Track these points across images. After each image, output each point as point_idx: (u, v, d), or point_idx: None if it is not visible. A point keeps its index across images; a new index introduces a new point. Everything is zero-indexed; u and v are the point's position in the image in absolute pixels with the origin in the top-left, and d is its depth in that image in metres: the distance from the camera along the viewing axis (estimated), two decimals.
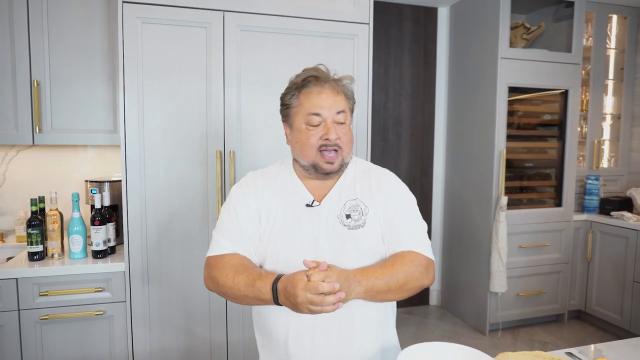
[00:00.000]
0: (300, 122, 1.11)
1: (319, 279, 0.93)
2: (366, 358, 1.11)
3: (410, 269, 1.06)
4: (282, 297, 0.98)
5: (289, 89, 1.14)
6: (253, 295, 1.01)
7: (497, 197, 2.96)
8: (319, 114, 1.09)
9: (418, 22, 3.47)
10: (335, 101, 1.10)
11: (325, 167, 1.10)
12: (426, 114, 3.56)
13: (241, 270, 1.05)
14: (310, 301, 0.92)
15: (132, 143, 1.93)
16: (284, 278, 0.99)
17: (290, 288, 0.95)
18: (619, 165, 3.55)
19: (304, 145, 1.10)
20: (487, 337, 3.07)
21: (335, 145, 1.09)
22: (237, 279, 1.03)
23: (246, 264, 1.08)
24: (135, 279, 1.96)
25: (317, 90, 1.10)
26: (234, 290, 1.04)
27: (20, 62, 1.99)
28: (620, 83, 3.49)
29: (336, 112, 1.10)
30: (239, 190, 1.17)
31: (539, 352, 1.10)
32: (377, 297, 1.04)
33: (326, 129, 1.08)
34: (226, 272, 1.06)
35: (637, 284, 2.89)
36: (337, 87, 1.12)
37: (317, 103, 1.08)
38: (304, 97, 1.11)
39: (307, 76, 1.11)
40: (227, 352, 2.11)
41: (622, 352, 1.20)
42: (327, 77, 1.12)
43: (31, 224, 1.89)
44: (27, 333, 1.83)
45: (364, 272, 1.03)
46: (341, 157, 1.12)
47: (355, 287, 0.99)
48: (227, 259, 1.08)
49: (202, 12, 1.95)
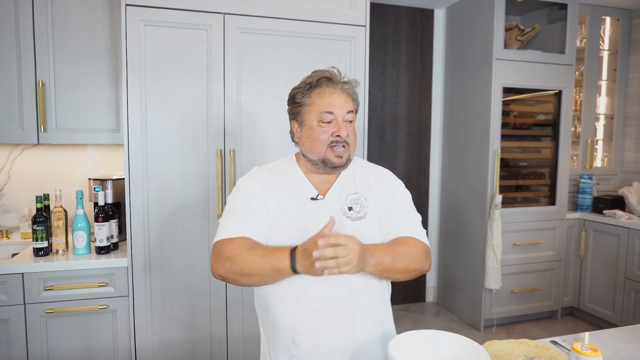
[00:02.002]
0: (312, 119, 1.19)
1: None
2: (368, 343, 1.16)
3: (412, 252, 1.15)
4: (300, 260, 1.04)
5: (300, 89, 1.21)
6: (270, 266, 1.07)
7: (492, 195, 3.02)
8: (332, 112, 1.17)
9: (415, 23, 3.52)
10: (346, 101, 1.19)
11: (335, 161, 1.18)
12: (423, 113, 3.62)
13: (256, 247, 1.11)
14: (326, 255, 0.97)
15: (135, 142, 1.98)
16: (302, 244, 1.06)
17: (311, 246, 1.01)
18: (612, 164, 3.62)
19: (315, 140, 1.18)
20: (481, 333, 3.13)
21: (345, 141, 1.18)
22: (253, 254, 1.09)
23: (258, 244, 1.14)
24: (137, 274, 2.01)
25: (329, 91, 1.18)
26: (249, 265, 1.08)
27: (25, 63, 2.04)
28: (614, 84, 3.56)
29: (346, 112, 1.19)
30: (247, 181, 1.23)
31: (525, 340, 1.16)
32: (384, 274, 1.13)
33: (337, 126, 1.17)
34: (240, 249, 1.10)
35: (629, 281, 2.96)
36: (348, 90, 1.21)
37: (331, 102, 1.17)
38: (316, 96, 1.19)
39: (321, 77, 1.20)
40: (227, 345, 2.16)
41: (603, 340, 1.26)
42: (340, 79, 1.21)
43: (36, 220, 1.94)
44: (32, 326, 1.88)
45: (374, 247, 1.12)
46: (348, 153, 1.20)
47: (369, 259, 1.07)
48: (238, 240, 1.13)
49: (203, 14, 2.01)
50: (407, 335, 1.04)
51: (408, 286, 3.68)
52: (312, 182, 1.23)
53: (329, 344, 1.13)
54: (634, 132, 3.52)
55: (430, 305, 3.69)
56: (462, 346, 1.02)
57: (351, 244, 1.00)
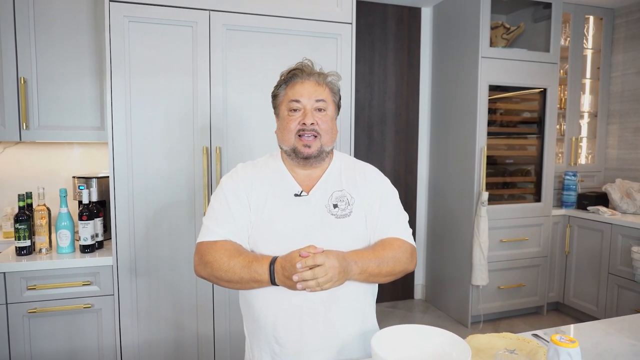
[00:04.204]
0: (284, 110, 1.20)
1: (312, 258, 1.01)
2: (349, 341, 1.16)
3: (398, 254, 1.15)
4: (279, 276, 1.04)
5: (279, 82, 1.24)
6: (249, 277, 1.07)
7: (479, 192, 3.05)
8: (298, 100, 1.17)
9: (402, 21, 3.54)
10: (316, 91, 1.18)
11: (303, 150, 1.16)
12: (410, 111, 3.64)
13: (236, 254, 1.10)
14: (305, 277, 0.99)
15: (120, 140, 1.96)
16: (281, 258, 1.06)
17: (289, 266, 1.02)
18: (596, 161, 3.67)
19: (284, 129, 1.19)
20: (469, 329, 3.16)
21: (313, 130, 1.16)
22: (233, 262, 1.08)
23: (240, 249, 1.13)
24: (123, 273, 1.99)
25: (299, 82, 1.19)
26: (229, 273, 1.08)
27: (6, 59, 2.01)
28: (597, 82, 3.61)
29: (315, 100, 1.18)
30: (229, 179, 1.23)
31: (506, 334, 1.17)
32: (370, 279, 1.13)
33: (304, 114, 1.17)
34: (220, 256, 1.10)
35: (612, 276, 3.01)
36: (320, 80, 1.20)
37: (299, 91, 1.18)
38: (289, 88, 1.20)
39: (293, 69, 1.21)
40: (214, 343, 2.15)
41: (585, 332, 1.28)
42: (311, 70, 1.21)
43: (19, 219, 1.91)
44: (14, 326, 1.85)
45: (358, 254, 1.11)
46: (319, 143, 1.18)
47: (353, 267, 1.07)
48: (220, 244, 1.13)
49: (188, 11, 2.00)
50: (389, 330, 1.05)
51: (396, 283, 3.70)
52: (296, 178, 1.22)
53: (311, 341, 1.13)
54: (617, 130, 3.57)
55: (418, 302, 3.71)
56: (445, 340, 1.02)
57: (329, 261, 1.01)
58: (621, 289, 2.96)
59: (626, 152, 3.51)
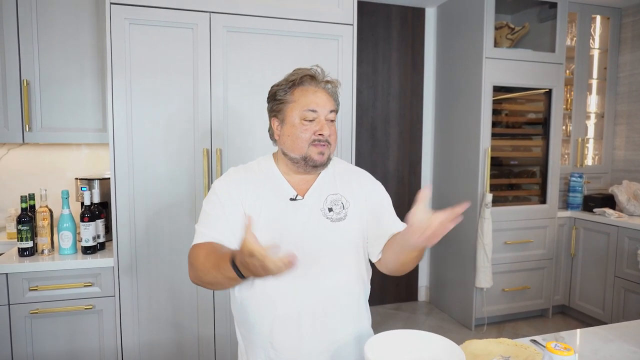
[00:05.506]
0: (295, 117, 1.16)
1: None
2: (344, 343, 1.16)
3: None
4: (246, 272, 0.96)
5: (282, 86, 1.19)
6: (222, 277, 1.02)
7: (483, 194, 3.03)
8: (315, 110, 1.15)
9: (406, 22, 3.52)
10: (328, 101, 1.18)
11: (317, 159, 1.16)
12: (414, 112, 3.62)
13: (211, 254, 1.07)
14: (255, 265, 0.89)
15: (121, 141, 1.97)
16: (239, 254, 0.95)
17: (248, 262, 0.90)
18: (603, 163, 3.62)
19: (297, 138, 1.16)
20: (472, 331, 3.14)
21: (327, 140, 1.17)
22: (208, 263, 1.06)
23: (217, 248, 1.09)
24: (124, 274, 2.00)
25: (312, 89, 1.17)
26: (206, 274, 1.06)
27: (9, 62, 2.03)
28: (604, 82, 3.56)
29: (329, 111, 1.17)
30: (222, 183, 1.21)
31: (504, 339, 1.16)
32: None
33: (320, 125, 1.15)
34: (198, 257, 1.09)
35: (618, 279, 2.97)
36: (329, 89, 1.20)
37: (314, 100, 1.15)
38: (299, 94, 1.16)
39: (305, 75, 1.18)
40: (215, 345, 2.16)
41: (585, 338, 1.26)
42: (322, 78, 1.20)
43: (21, 220, 1.93)
44: (17, 327, 1.87)
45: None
46: (329, 152, 1.19)
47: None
48: (202, 246, 1.11)
49: (189, 13, 2.00)
50: (383, 335, 1.04)
51: (400, 285, 3.68)
52: (290, 182, 1.21)
53: (308, 345, 1.12)
54: (625, 131, 3.53)
55: (422, 304, 3.69)
56: (439, 346, 1.01)
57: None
58: (628, 292, 2.91)
59: (633, 153, 3.46)
